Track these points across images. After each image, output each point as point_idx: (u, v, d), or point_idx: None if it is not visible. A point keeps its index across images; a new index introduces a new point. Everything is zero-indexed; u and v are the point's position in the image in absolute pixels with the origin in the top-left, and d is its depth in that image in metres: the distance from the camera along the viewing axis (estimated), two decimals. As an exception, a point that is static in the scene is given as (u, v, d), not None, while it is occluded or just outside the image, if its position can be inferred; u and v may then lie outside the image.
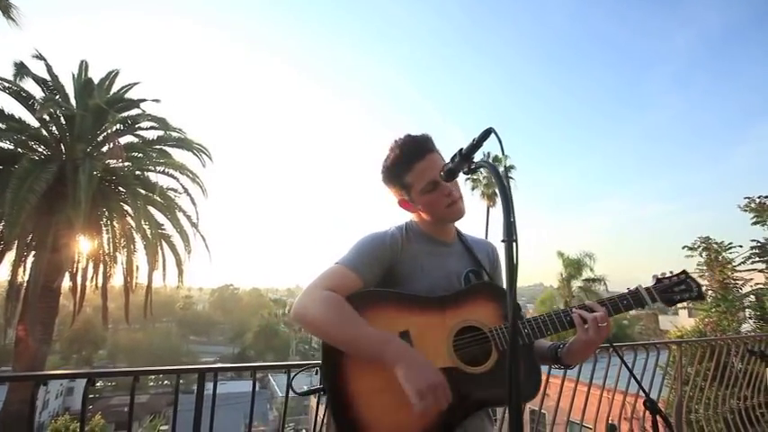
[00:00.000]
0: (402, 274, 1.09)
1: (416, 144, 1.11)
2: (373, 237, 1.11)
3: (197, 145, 10.73)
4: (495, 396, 1.00)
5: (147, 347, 40.59)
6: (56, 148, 9.33)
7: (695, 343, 3.08)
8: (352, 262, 1.04)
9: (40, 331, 8.26)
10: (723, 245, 7.14)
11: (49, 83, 9.35)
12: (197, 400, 1.45)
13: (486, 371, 0.99)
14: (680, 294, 1.09)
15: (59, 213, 8.23)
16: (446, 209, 1.10)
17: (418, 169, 1.08)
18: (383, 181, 1.17)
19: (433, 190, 1.08)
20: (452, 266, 1.15)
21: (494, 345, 1.01)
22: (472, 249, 1.22)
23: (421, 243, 1.15)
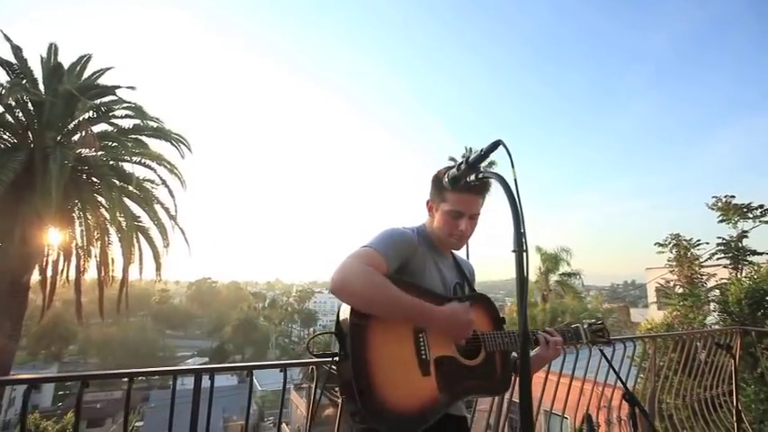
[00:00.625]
0: (412, 271, 1.24)
1: (477, 183, 1.19)
2: (398, 231, 1.25)
3: (175, 135, 10.40)
4: (478, 386, 1.25)
5: (121, 342, 39.45)
6: (23, 136, 8.88)
7: (668, 337, 3.24)
8: (383, 248, 1.15)
9: (9, 327, 7.91)
10: (692, 242, 7.48)
11: (15, 66, 8.85)
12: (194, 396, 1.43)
13: (476, 365, 1.24)
14: (599, 338, 1.55)
15: (28, 204, 7.85)
16: (448, 237, 1.30)
17: (460, 198, 1.25)
18: (433, 179, 1.33)
19: (455, 218, 1.27)
20: (447, 275, 1.34)
21: (483, 346, 1.26)
22: (461, 265, 1.45)
23: (428, 249, 1.32)
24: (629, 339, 2.71)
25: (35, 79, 9.12)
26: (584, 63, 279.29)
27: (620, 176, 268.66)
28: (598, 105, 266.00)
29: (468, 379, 1.21)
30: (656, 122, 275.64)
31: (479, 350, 1.26)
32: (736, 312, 5.07)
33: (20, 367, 26.22)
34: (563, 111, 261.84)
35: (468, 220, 1.28)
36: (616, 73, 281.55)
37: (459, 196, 1.24)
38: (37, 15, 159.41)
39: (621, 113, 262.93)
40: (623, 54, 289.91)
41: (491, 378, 1.27)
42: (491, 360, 1.27)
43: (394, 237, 1.21)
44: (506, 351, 1.31)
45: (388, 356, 1.10)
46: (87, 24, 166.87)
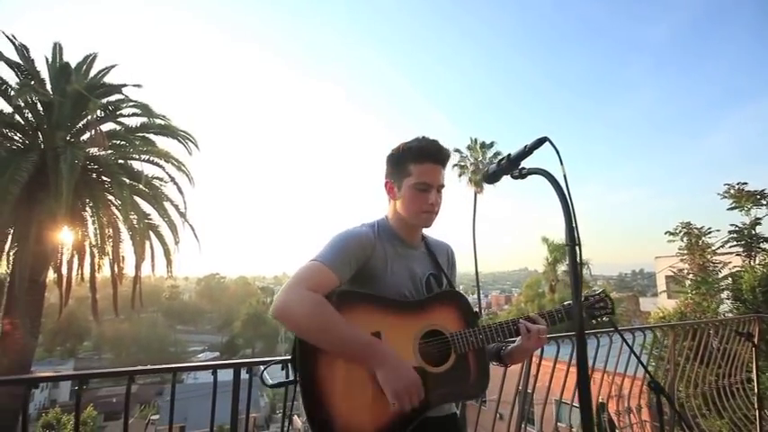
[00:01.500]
0: (371, 273, 1.16)
1: (438, 150, 1.19)
2: (349, 234, 1.16)
3: (182, 132, 10.44)
4: (451, 393, 1.14)
5: (134, 338, 40.12)
6: (33, 137, 8.96)
7: (687, 326, 3.23)
8: (330, 260, 1.08)
9: (28, 324, 8.07)
10: (703, 230, 7.42)
11: (23, 67, 8.91)
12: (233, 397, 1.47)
13: (445, 371, 1.12)
14: (599, 311, 1.33)
15: (41, 204, 7.96)
16: (421, 213, 1.18)
17: (425, 167, 1.16)
18: (388, 157, 1.23)
19: (423, 191, 1.16)
20: (416, 269, 1.24)
21: (453, 348, 1.14)
22: (434, 252, 1.32)
23: (390, 244, 1.22)
24: (649, 328, 2.71)
25: (42, 79, 9.18)
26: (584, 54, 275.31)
27: (623, 166, 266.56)
28: (598, 96, 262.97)
29: (438, 387, 1.10)
30: (657, 112, 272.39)
31: (449, 354, 1.13)
32: (749, 300, 5.04)
33: (37, 363, 26.81)
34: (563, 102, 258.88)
35: (437, 193, 1.18)
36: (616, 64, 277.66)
37: (424, 167, 1.16)
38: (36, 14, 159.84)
39: (622, 104, 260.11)
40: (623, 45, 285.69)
41: (464, 382, 1.15)
42: (463, 362, 1.15)
43: (343, 242, 1.13)
44: (480, 349, 1.17)
45: (343, 378, 1.03)
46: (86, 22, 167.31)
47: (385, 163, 1.24)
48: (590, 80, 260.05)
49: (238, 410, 1.51)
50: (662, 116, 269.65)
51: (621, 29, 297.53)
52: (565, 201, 0.69)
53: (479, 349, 1.16)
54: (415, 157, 1.17)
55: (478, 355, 1.17)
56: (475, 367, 1.16)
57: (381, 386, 0.99)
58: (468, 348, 1.14)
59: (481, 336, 1.16)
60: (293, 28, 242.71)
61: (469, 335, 1.15)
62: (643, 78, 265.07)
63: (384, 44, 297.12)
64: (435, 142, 1.19)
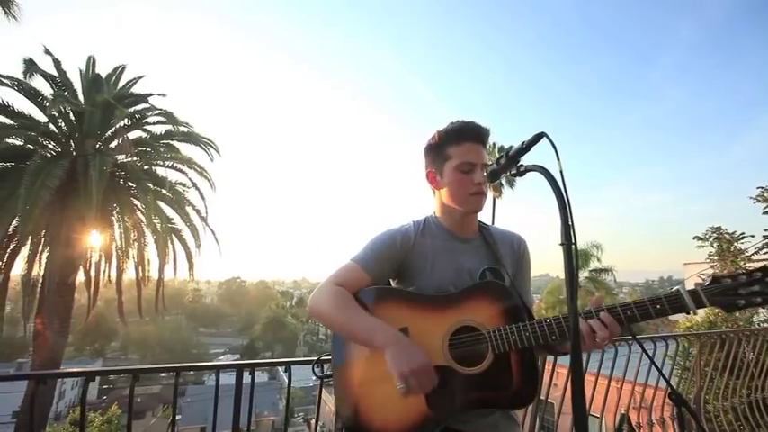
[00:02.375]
0: (412, 270, 1.13)
1: (476, 129, 1.13)
2: (385, 234, 1.16)
3: (204, 139, 10.75)
4: (485, 397, 1.00)
5: (159, 339, 41.27)
6: (65, 145, 9.41)
7: (714, 335, 3.08)
8: (363, 259, 1.11)
9: (58, 325, 8.42)
10: (735, 235, 7.08)
11: (57, 79, 9.39)
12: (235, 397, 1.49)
13: (479, 372, 0.99)
14: (747, 298, 0.88)
15: (71, 209, 8.32)
16: (469, 196, 1.10)
17: (465, 147, 1.11)
18: (426, 149, 1.19)
19: (468, 172, 1.09)
20: (466, 263, 1.14)
21: (489, 346, 1.00)
22: (494, 244, 1.18)
23: (436, 239, 1.16)
24: (671, 337, 2.59)
25: (75, 90, 9.65)
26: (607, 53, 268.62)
27: (651, 168, 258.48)
28: (624, 96, 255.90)
29: (469, 390, 0.98)
30: (686, 112, 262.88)
31: (486, 353, 1.00)
32: (787, 309, 4.76)
33: (68, 362, 27.87)
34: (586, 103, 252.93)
35: (482, 173, 1.10)
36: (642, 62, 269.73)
37: (464, 147, 1.10)
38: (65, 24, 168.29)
39: (648, 104, 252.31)
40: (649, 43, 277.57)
41: (504, 386, 0.99)
42: (503, 363, 1.00)
43: (378, 243, 1.14)
44: (527, 350, 1.00)
45: (370, 377, 1.02)
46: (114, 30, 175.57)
47: (423, 155, 1.20)
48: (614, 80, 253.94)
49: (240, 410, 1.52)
50: (692, 116, 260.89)
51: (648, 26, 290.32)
52: (561, 198, 0.67)
53: (525, 350, 1.00)
54: (453, 139, 1.12)
55: (524, 356, 1.01)
56: (518, 371, 0.99)
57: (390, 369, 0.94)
58: (509, 348, 0.98)
59: (528, 333, 0.97)
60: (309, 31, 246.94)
61: (511, 332, 0.99)
62: (671, 77, 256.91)
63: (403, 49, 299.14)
64: (472, 122, 1.14)
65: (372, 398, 1.01)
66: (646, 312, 0.92)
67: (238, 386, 1.52)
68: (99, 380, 31.94)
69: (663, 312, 0.91)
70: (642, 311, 0.93)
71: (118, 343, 42.51)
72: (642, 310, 0.93)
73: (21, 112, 8.84)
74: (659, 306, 0.91)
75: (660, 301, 0.92)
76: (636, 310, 0.93)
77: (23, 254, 8.87)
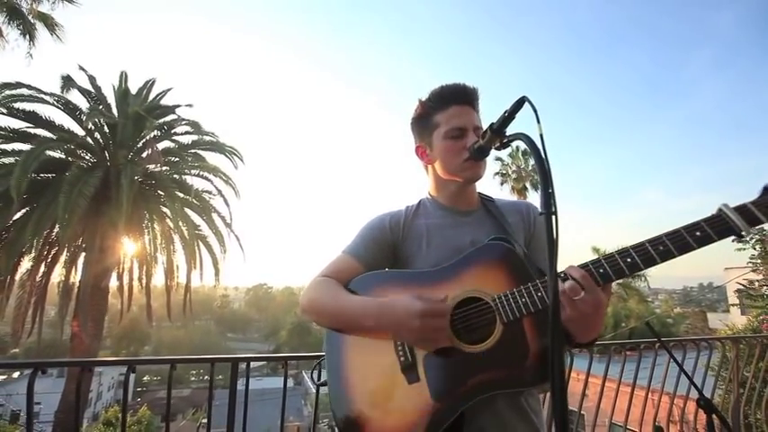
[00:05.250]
0: (408, 253, 1.04)
1: (462, 90, 1.02)
2: (374, 220, 1.11)
3: (229, 147, 11.09)
4: (497, 378, 0.84)
5: (188, 344, 42.55)
6: (101, 156, 9.92)
7: (754, 340, 2.84)
8: (352, 248, 1.07)
9: (92, 327, 8.82)
10: (780, 236, 6.60)
11: (92, 93, 9.95)
12: (230, 392, 1.48)
13: (488, 348, 0.85)
14: None
15: (105, 216, 8.75)
16: (463, 162, 0.98)
17: (452, 111, 1.00)
18: (412, 122, 1.10)
19: (458, 137, 0.99)
20: (466, 236, 1.02)
21: (498, 316, 0.86)
22: (500, 216, 1.06)
23: (431, 217, 1.07)
24: (704, 340, 2.40)
25: (108, 104, 10.20)
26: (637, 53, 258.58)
27: (687, 170, 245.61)
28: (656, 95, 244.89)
29: (480, 372, 0.84)
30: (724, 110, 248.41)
31: (494, 325, 0.86)
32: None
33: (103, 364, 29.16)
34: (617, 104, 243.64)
35: (474, 136, 0.98)
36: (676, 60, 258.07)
37: (451, 111, 1.00)
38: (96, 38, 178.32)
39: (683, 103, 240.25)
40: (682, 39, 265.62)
41: (519, 360, 0.84)
42: (515, 334, 0.85)
43: (368, 228, 1.09)
44: (541, 311, 0.83)
45: (367, 371, 0.92)
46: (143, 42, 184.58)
47: (411, 131, 1.12)
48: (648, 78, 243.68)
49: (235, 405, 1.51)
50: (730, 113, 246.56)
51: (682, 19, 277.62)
52: (541, 163, 0.61)
53: (540, 313, 0.83)
54: (437, 105, 1.02)
55: (539, 320, 0.84)
56: (536, 341, 0.84)
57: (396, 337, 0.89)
58: (521, 313, 0.83)
59: (540, 293, 0.82)
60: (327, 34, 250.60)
61: (520, 295, 0.84)
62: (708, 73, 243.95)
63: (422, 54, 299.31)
64: (454, 83, 1.03)
65: (371, 397, 0.91)
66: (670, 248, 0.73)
67: (233, 378, 1.51)
68: (135, 381, 33.28)
69: (703, 239, 0.71)
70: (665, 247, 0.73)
71: (151, 347, 44.09)
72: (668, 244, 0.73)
73: (60, 126, 9.41)
74: (699, 233, 0.71)
75: (698, 226, 0.72)
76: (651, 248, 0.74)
77: (62, 260, 9.39)
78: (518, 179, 21.79)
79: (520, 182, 21.82)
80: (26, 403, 1.49)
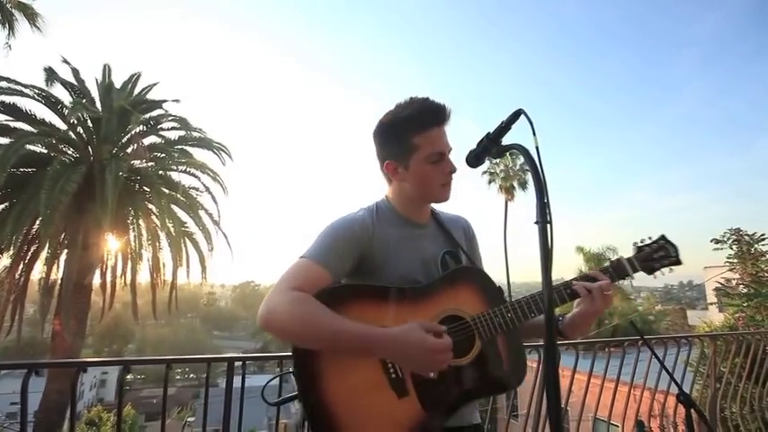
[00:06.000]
0: (375, 263, 1.01)
1: (439, 109, 1.01)
2: (340, 224, 1.02)
3: (217, 144, 10.94)
4: (478, 387, 0.96)
5: (174, 342, 41.94)
6: (84, 151, 9.69)
7: (730, 337, 2.96)
8: (318, 254, 0.96)
9: (75, 326, 8.63)
10: (755, 236, 6.83)
11: (75, 87, 9.70)
12: (227, 391, 1.49)
13: (470, 362, 0.95)
14: (659, 261, 1.06)
15: (88, 213, 8.56)
16: (440, 187, 1.03)
17: (433, 135, 0.99)
18: (379, 134, 1.05)
19: (438, 162, 1.00)
20: (428, 249, 1.07)
21: (477, 334, 0.96)
22: (447, 228, 1.13)
23: (393, 227, 1.06)
24: (684, 338, 2.50)
25: (92, 98, 9.95)
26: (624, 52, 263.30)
27: (672, 170, 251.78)
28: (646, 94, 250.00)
29: (464, 382, 0.94)
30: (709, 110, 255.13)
31: (473, 341, 0.96)
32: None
33: (86, 364, 28.52)
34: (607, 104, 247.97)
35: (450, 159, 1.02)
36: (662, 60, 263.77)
37: (430, 134, 0.99)
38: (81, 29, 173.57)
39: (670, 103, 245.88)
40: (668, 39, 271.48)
41: (496, 371, 0.97)
42: (491, 348, 0.97)
43: (333, 233, 1.00)
44: (512, 331, 0.98)
45: (350, 386, 0.90)
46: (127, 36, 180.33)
47: (374, 142, 1.07)
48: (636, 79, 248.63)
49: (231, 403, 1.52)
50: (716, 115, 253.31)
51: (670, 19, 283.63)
52: (537, 174, 0.64)
53: (511, 331, 0.98)
54: (415, 126, 0.99)
55: (511, 338, 0.99)
56: (507, 354, 0.98)
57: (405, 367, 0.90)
58: (496, 332, 0.96)
59: (510, 314, 0.96)
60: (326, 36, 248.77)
61: (495, 316, 0.96)
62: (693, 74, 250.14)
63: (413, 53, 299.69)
64: (430, 102, 1.01)
65: (357, 414, 0.90)
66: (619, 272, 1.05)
67: (229, 378, 1.51)
68: (115, 381, 32.75)
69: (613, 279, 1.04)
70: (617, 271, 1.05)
71: (134, 345, 43.32)
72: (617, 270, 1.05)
73: (42, 120, 9.16)
74: (608, 273, 1.04)
75: (608, 268, 1.06)
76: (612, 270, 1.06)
77: (42, 257, 9.15)
78: (506, 178, 22.03)
79: (507, 180, 22.06)
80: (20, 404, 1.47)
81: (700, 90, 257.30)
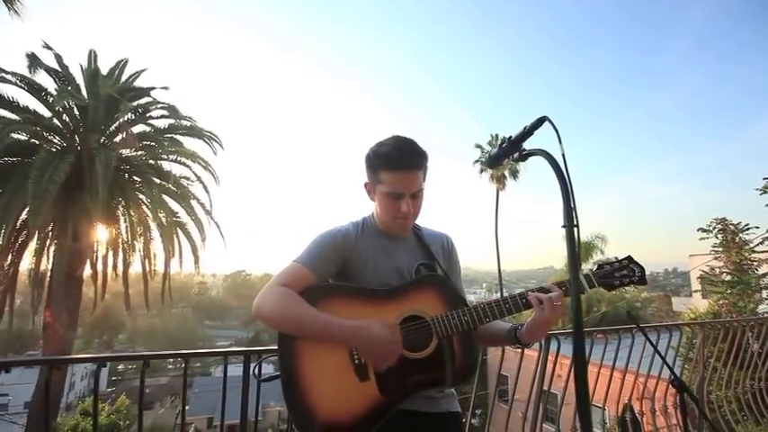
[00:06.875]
0: (354, 269, 1.19)
1: (408, 156, 1.16)
2: (327, 234, 1.21)
3: (207, 133, 10.77)
4: (431, 378, 1.11)
5: (165, 332, 41.76)
6: (70, 139, 9.46)
7: (719, 324, 3.08)
8: (306, 259, 1.15)
9: (66, 317, 8.55)
10: (740, 226, 7.03)
11: (60, 73, 9.41)
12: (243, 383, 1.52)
13: (426, 356, 1.10)
14: (620, 279, 1.16)
15: (77, 203, 8.40)
16: (392, 220, 1.20)
17: (396, 177, 1.14)
18: (365, 159, 1.22)
19: (395, 200, 1.16)
20: (403, 260, 1.23)
21: (434, 332, 1.11)
22: (427, 243, 1.30)
23: (374, 238, 1.24)
24: (676, 326, 2.59)
25: (77, 84, 9.67)
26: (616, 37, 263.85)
27: (659, 160, 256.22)
28: (632, 86, 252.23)
29: (418, 373, 1.09)
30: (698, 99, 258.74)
31: (431, 338, 1.11)
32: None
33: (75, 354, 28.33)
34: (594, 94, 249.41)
35: (411, 200, 1.16)
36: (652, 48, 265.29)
37: (394, 175, 1.14)
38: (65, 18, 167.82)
39: (660, 92, 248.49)
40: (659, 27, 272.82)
41: (447, 367, 1.12)
42: (446, 347, 1.12)
43: (321, 242, 1.19)
44: (466, 332, 1.12)
45: (320, 368, 1.07)
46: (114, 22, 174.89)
47: (364, 163, 1.23)
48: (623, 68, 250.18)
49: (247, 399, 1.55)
50: (704, 104, 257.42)
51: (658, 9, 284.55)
52: (563, 181, 0.67)
53: (466, 332, 1.12)
54: (384, 164, 1.15)
55: (465, 338, 1.13)
56: (460, 351, 1.12)
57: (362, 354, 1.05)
58: (452, 332, 1.10)
59: (466, 318, 1.11)
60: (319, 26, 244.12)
61: (452, 317, 1.11)
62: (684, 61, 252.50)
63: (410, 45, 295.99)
64: (405, 147, 1.16)
65: (324, 391, 1.05)
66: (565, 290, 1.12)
67: (246, 374, 1.55)
68: (109, 371, 32.51)
69: (567, 292, 1.11)
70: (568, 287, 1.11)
71: (125, 336, 43.07)
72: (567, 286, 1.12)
73: (25, 107, 8.89)
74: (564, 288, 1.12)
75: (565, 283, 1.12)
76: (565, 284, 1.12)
77: (31, 248, 8.99)
78: (497, 167, 22.12)
79: (499, 170, 22.16)
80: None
81: (691, 77, 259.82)
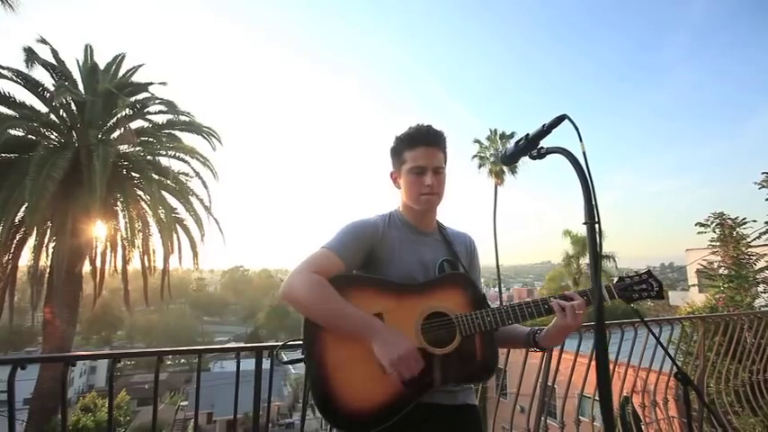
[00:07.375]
0: (380, 260, 1.21)
1: (429, 134, 1.22)
2: (357, 224, 1.23)
3: (206, 128, 10.72)
4: (453, 374, 1.13)
5: (164, 328, 41.80)
6: (68, 135, 9.40)
7: (718, 318, 3.12)
8: (336, 247, 1.16)
9: (67, 314, 8.54)
10: (737, 220, 7.07)
11: (56, 68, 9.32)
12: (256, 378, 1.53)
13: (449, 352, 1.12)
14: (639, 293, 1.19)
15: (76, 199, 8.37)
16: (420, 196, 1.21)
17: (418, 152, 1.20)
18: (390, 150, 1.29)
19: (419, 174, 1.20)
20: (427, 255, 1.26)
21: (458, 330, 1.13)
22: (450, 241, 1.33)
23: (400, 231, 1.26)
24: (678, 320, 2.63)
25: (74, 80, 9.59)
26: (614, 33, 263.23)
27: (657, 155, 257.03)
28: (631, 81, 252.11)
29: (440, 368, 1.11)
30: (695, 95, 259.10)
31: (454, 335, 1.13)
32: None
33: (75, 350, 28.33)
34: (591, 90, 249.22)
35: (434, 175, 1.20)
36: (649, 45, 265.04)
37: (416, 152, 1.20)
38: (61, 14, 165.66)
39: (657, 88, 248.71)
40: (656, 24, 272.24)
41: (469, 364, 1.15)
42: (468, 344, 1.14)
43: (351, 231, 1.21)
44: (488, 332, 1.16)
45: (345, 357, 1.08)
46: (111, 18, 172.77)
47: (390, 157, 1.30)
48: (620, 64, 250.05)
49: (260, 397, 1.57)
50: (702, 99, 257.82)
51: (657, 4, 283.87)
52: (584, 179, 0.69)
53: (487, 332, 1.15)
54: (407, 144, 1.22)
55: (486, 337, 1.16)
56: (481, 349, 1.15)
57: (378, 358, 1.03)
58: (474, 330, 1.13)
59: (489, 318, 1.14)
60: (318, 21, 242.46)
61: (476, 317, 1.14)
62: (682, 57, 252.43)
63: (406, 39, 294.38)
64: (424, 127, 1.23)
65: (348, 379, 1.07)
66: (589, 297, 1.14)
67: (258, 367, 1.56)
68: (107, 367, 32.54)
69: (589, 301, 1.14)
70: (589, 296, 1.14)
71: (124, 332, 43.06)
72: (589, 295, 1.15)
73: (22, 103, 8.82)
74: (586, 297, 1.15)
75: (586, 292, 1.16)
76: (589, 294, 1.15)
77: (29, 244, 8.96)
78: (496, 162, 22.13)
79: (498, 164, 22.17)
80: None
81: (689, 73, 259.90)
